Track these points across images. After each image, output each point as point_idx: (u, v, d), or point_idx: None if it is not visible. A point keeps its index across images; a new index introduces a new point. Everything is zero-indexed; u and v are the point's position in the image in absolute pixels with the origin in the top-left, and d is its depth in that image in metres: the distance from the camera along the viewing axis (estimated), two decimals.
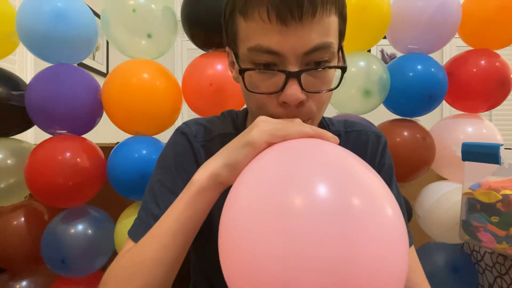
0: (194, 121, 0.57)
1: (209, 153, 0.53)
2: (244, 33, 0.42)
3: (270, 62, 0.41)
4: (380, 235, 0.26)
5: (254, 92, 0.43)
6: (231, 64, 0.50)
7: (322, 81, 0.43)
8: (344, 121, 0.60)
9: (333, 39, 0.42)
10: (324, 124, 0.59)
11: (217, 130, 0.56)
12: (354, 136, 0.58)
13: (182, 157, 0.53)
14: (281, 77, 0.40)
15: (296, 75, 0.40)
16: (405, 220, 0.59)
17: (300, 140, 0.37)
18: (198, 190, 0.40)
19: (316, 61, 0.41)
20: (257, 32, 0.40)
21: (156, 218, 0.47)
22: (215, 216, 0.39)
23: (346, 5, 0.44)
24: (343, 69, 0.43)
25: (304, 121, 0.43)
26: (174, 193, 0.50)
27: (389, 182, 0.58)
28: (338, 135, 0.57)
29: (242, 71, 0.42)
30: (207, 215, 0.42)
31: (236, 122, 0.57)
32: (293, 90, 0.40)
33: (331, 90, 0.44)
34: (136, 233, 0.48)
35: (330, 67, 0.42)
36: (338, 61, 0.46)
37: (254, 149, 0.37)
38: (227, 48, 0.49)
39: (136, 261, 0.41)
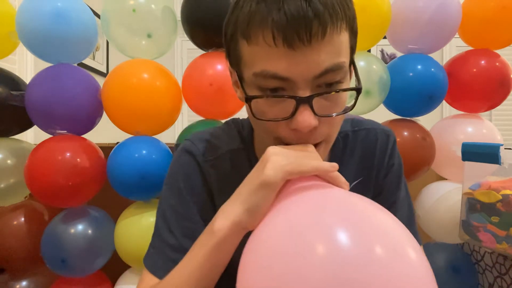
0: (199, 138, 0.54)
1: (219, 172, 0.52)
2: (248, 58, 0.39)
3: (278, 87, 0.38)
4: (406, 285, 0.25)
5: (262, 120, 0.40)
6: (235, 84, 0.47)
7: (335, 104, 0.40)
8: (351, 120, 0.58)
9: (345, 58, 0.38)
10: None
11: (225, 146, 0.53)
12: (363, 135, 0.56)
13: (191, 179, 0.51)
14: (291, 102, 0.37)
15: (307, 101, 0.37)
16: (413, 222, 0.58)
17: (316, 192, 0.35)
18: (221, 240, 0.38)
19: (328, 83, 0.38)
20: (262, 57, 0.37)
21: (171, 247, 0.47)
22: None
23: (357, 18, 0.41)
24: (358, 91, 0.40)
25: (317, 144, 0.41)
26: (187, 218, 0.49)
27: (397, 182, 0.56)
28: (346, 136, 0.55)
29: (248, 100, 0.39)
30: (230, 258, 0.41)
31: (243, 134, 0.54)
32: (305, 117, 0.37)
33: (346, 112, 0.41)
34: (155, 265, 0.48)
35: (344, 90, 0.39)
36: (350, 75, 0.43)
37: (272, 190, 0.35)
38: (230, 68, 0.46)
39: None
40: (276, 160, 0.36)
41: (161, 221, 0.50)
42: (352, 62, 0.42)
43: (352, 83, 0.42)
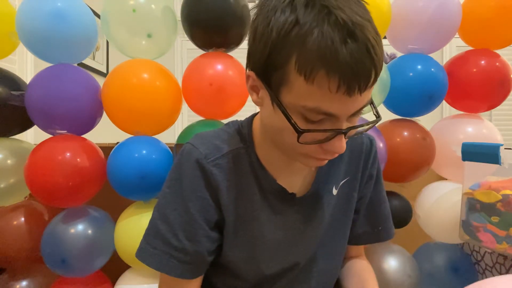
0: (200, 141, 0.55)
1: (223, 171, 0.53)
2: (299, 91, 0.40)
3: (322, 119, 0.42)
4: None
5: (304, 144, 0.44)
6: (252, 88, 0.48)
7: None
8: None
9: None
10: None
11: (226, 146, 0.55)
12: (351, 138, 0.59)
13: (194, 183, 0.52)
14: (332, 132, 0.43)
15: (346, 132, 0.43)
16: (386, 214, 0.66)
17: None
18: None
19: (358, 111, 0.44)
20: (318, 97, 0.39)
21: (177, 249, 0.51)
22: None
23: None
24: (377, 121, 0.48)
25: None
26: (190, 223, 0.52)
27: (376, 187, 0.65)
28: None
29: (301, 132, 0.42)
30: None
31: (243, 135, 0.56)
32: (342, 143, 0.44)
33: (362, 132, 0.50)
34: (167, 267, 0.52)
35: (369, 123, 0.46)
36: None
37: None
38: (249, 72, 0.46)
39: None
40: None
41: (163, 223, 0.52)
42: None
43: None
